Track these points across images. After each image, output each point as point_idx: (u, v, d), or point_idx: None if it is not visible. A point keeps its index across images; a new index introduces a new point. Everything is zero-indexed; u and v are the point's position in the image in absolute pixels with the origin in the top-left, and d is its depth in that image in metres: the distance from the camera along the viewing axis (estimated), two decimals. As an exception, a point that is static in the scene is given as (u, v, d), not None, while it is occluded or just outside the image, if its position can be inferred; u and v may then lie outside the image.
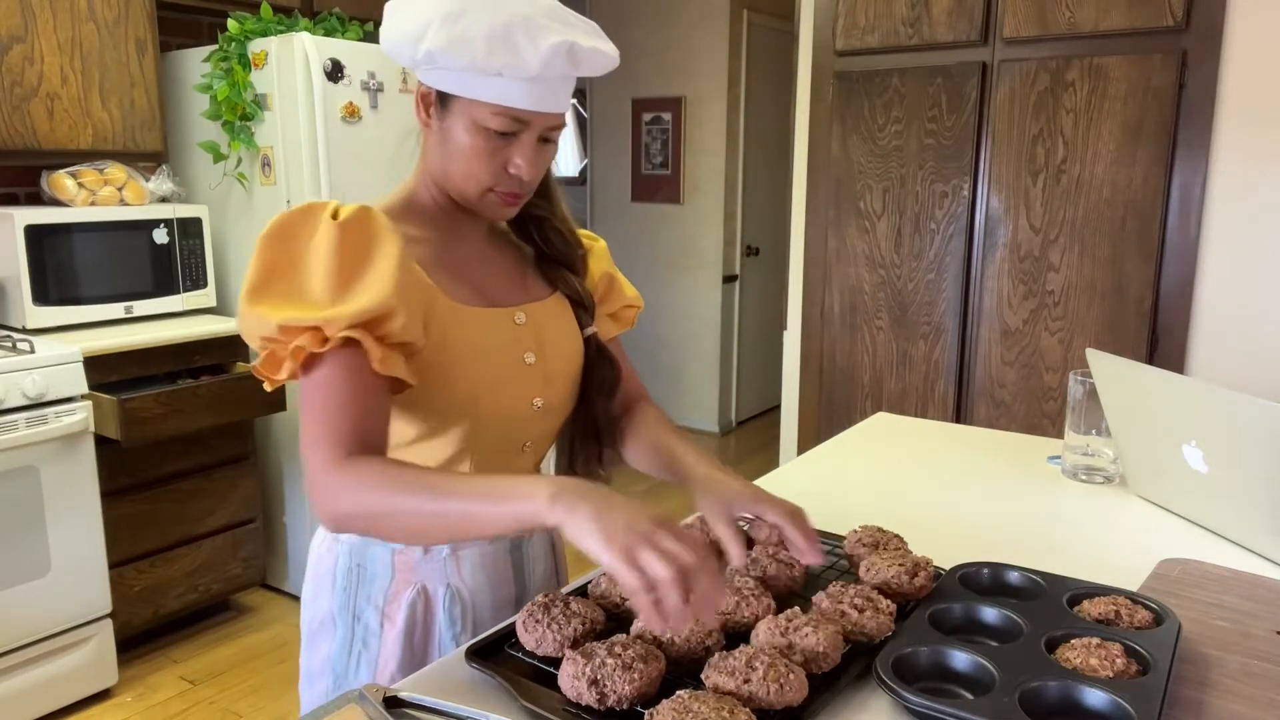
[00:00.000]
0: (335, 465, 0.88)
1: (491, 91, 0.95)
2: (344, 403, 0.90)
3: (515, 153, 0.99)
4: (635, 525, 0.77)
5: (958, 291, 2.73)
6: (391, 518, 0.87)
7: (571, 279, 1.15)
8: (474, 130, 0.98)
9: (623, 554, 0.75)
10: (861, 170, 2.86)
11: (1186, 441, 1.21)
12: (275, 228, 0.95)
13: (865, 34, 2.79)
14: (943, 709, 0.76)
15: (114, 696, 2.58)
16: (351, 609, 1.08)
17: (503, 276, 1.10)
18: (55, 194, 2.69)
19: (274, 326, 0.90)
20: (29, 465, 2.33)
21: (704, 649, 0.85)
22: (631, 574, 0.75)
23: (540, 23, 0.94)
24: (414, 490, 0.86)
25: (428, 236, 1.04)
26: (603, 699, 0.78)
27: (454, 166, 1.01)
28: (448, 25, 0.92)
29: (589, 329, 1.16)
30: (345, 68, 2.89)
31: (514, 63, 0.92)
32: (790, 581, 1.00)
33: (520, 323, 1.07)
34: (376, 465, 0.88)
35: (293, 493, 3.12)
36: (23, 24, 2.53)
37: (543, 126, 0.99)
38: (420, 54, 0.94)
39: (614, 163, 5.34)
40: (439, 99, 0.99)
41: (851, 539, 1.10)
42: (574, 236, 1.17)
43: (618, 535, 0.76)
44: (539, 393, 1.07)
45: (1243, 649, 0.92)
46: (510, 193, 1.02)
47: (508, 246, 1.14)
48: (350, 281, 0.92)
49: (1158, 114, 2.38)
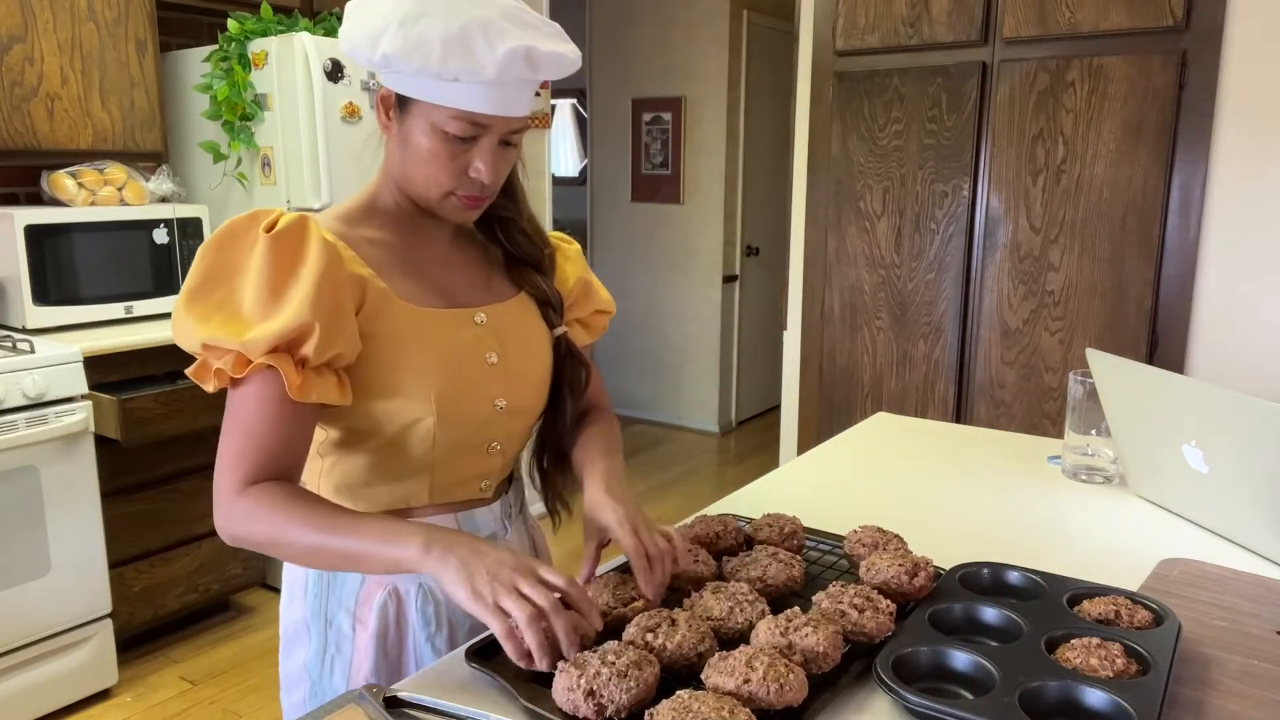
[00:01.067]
0: (236, 492, 0.93)
1: (449, 96, 0.94)
2: (257, 429, 0.93)
3: (475, 156, 0.98)
4: (498, 574, 0.84)
5: (958, 291, 2.73)
6: (280, 547, 0.92)
7: (537, 279, 1.14)
8: (433, 134, 0.97)
9: (485, 602, 0.82)
10: (861, 170, 2.87)
11: (1186, 441, 1.21)
12: (217, 236, 0.95)
13: (865, 34, 2.79)
14: (943, 709, 0.76)
15: (114, 696, 2.58)
16: (324, 614, 1.07)
17: (465, 278, 1.09)
18: (55, 194, 2.69)
19: (199, 344, 0.91)
20: (29, 465, 2.33)
21: (696, 655, 0.85)
22: (493, 618, 0.82)
23: (499, 26, 0.93)
24: (303, 525, 0.90)
25: (389, 239, 1.04)
26: (601, 710, 0.77)
27: (414, 170, 1.00)
28: (404, 29, 0.91)
29: (558, 329, 1.15)
30: (345, 68, 2.89)
31: (470, 67, 0.91)
32: (790, 581, 1.00)
33: (480, 323, 1.06)
34: (273, 496, 0.92)
35: (293, 493, 3.12)
36: (23, 24, 2.53)
37: (503, 130, 0.98)
38: (377, 57, 0.93)
39: (614, 163, 5.34)
40: (398, 101, 0.98)
41: (851, 539, 1.10)
42: (540, 236, 1.16)
43: (481, 584, 0.83)
44: (501, 393, 1.06)
45: (1243, 649, 0.92)
46: (471, 196, 1.01)
47: (473, 248, 1.13)
48: (275, 299, 0.91)
49: (1158, 114, 2.38)
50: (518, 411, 1.09)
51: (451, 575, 0.84)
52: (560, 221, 5.19)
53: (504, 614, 0.82)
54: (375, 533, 0.89)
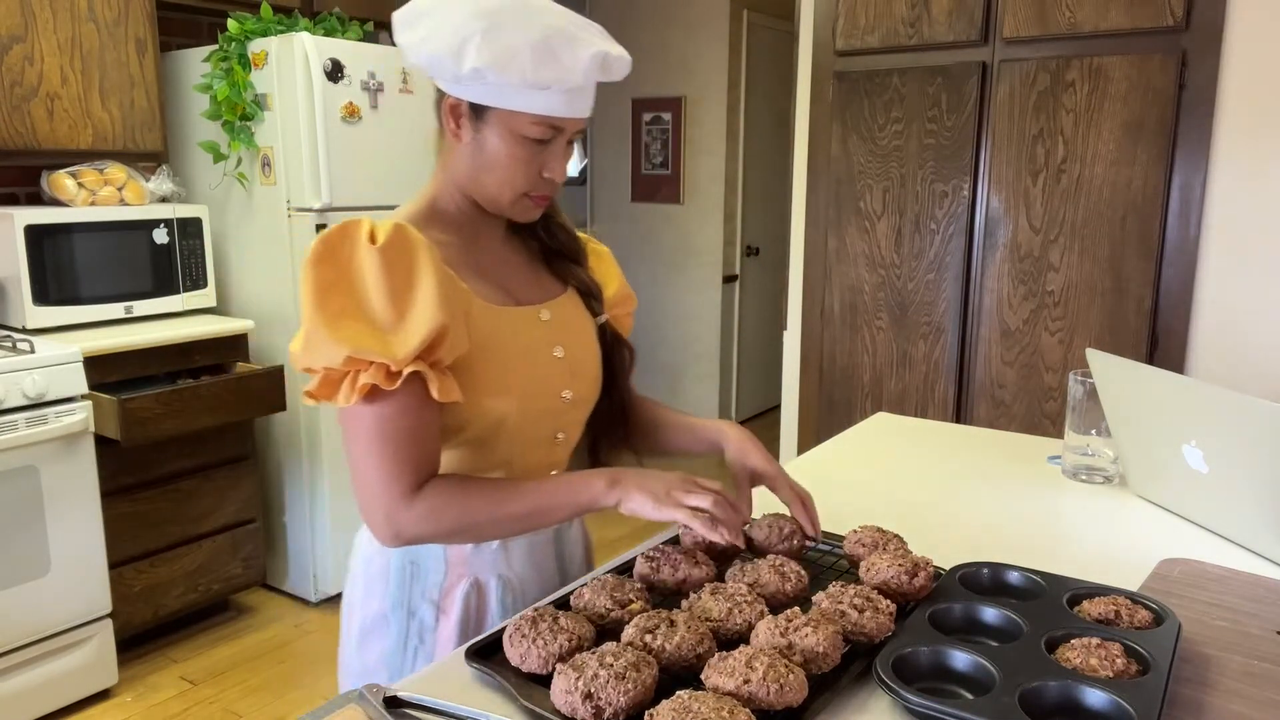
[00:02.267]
0: (408, 497, 0.97)
1: (534, 103, 0.98)
2: (409, 436, 0.97)
3: (549, 158, 1.04)
4: (671, 485, 0.99)
5: (958, 291, 2.73)
6: (466, 531, 1.01)
7: (579, 271, 1.20)
8: (512, 139, 1.01)
9: (670, 503, 0.98)
10: (861, 170, 2.86)
11: (1186, 441, 1.21)
12: (315, 255, 0.96)
13: (865, 34, 2.79)
14: (943, 709, 0.76)
15: (114, 696, 2.58)
16: (406, 605, 1.12)
17: (521, 277, 1.14)
18: (55, 194, 2.69)
19: (343, 358, 0.92)
20: (29, 465, 2.33)
21: (695, 656, 0.85)
22: (681, 511, 0.97)
23: (573, 33, 0.98)
24: (484, 503, 0.99)
25: (453, 241, 1.07)
26: (599, 712, 0.77)
27: (489, 175, 1.04)
28: (489, 40, 0.95)
29: (601, 316, 1.21)
30: (345, 68, 2.89)
31: (560, 75, 0.97)
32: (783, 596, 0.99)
33: (545, 319, 1.11)
34: (445, 489, 0.99)
35: (293, 493, 3.12)
36: (23, 24, 2.53)
37: (573, 131, 1.04)
38: (465, 70, 0.96)
39: (614, 163, 5.34)
40: (471, 110, 1.01)
41: (851, 539, 1.10)
42: (573, 232, 1.23)
43: (661, 494, 0.98)
44: (567, 385, 1.12)
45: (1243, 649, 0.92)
46: (543, 195, 1.07)
47: (521, 247, 1.18)
48: (405, 309, 0.95)
49: (1158, 114, 2.38)
50: (580, 402, 1.16)
51: (636, 494, 0.98)
52: (560, 221, 5.18)
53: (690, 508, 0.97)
54: (559, 484, 1.02)
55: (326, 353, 0.93)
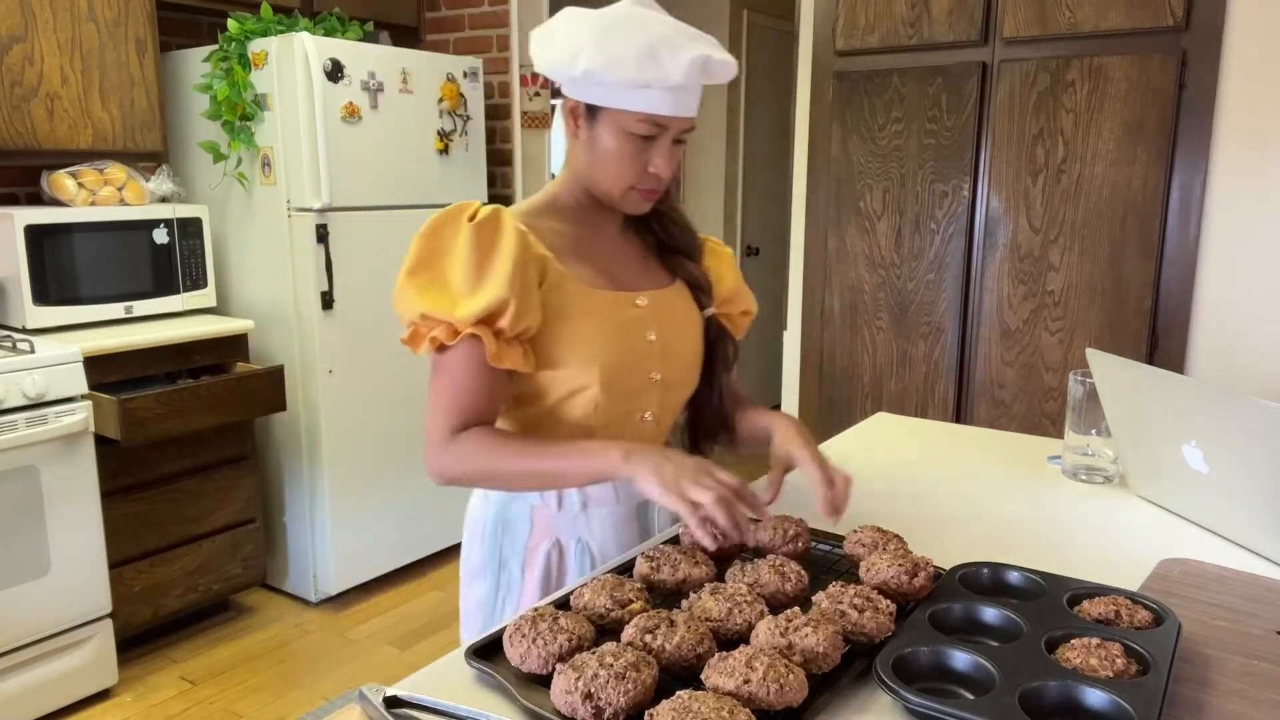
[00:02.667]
0: (447, 438, 1.10)
1: (639, 101, 1.09)
2: (462, 388, 1.11)
3: (655, 154, 1.14)
4: (683, 471, 1.00)
5: (958, 291, 2.73)
6: (494, 477, 1.12)
7: (689, 265, 1.29)
8: (620, 136, 1.12)
9: (674, 490, 0.98)
10: (861, 170, 2.86)
11: (1186, 441, 1.21)
12: (429, 225, 1.13)
13: (865, 34, 2.79)
14: (943, 709, 0.76)
15: (114, 696, 2.58)
16: (498, 558, 1.24)
17: (629, 266, 1.25)
18: (55, 194, 2.69)
19: (418, 314, 1.09)
20: (29, 465, 2.33)
21: (695, 656, 0.85)
22: (681, 503, 0.97)
23: (678, 40, 1.10)
24: (512, 454, 1.08)
25: (567, 230, 1.20)
26: (599, 713, 0.77)
27: (601, 169, 1.16)
28: (600, 46, 1.07)
29: (709, 310, 1.29)
30: (345, 68, 2.89)
31: (660, 75, 1.07)
32: (783, 596, 0.99)
33: (641, 305, 1.20)
34: (481, 436, 1.10)
35: (293, 493, 3.12)
36: (23, 24, 2.53)
37: (678, 130, 1.14)
38: (578, 72, 1.08)
39: (614, 163, 5.34)
40: (587, 111, 1.14)
41: (851, 539, 1.10)
42: (690, 228, 1.32)
43: (669, 479, 0.99)
44: (657, 367, 1.21)
45: (1243, 649, 0.92)
46: (649, 189, 1.17)
47: (635, 240, 1.29)
48: (479, 279, 1.09)
49: (1158, 114, 2.38)
50: (671, 384, 1.24)
51: (645, 474, 1.00)
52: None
53: (690, 502, 0.97)
54: (577, 450, 1.07)
55: (410, 310, 1.10)
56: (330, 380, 3.00)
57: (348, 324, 3.02)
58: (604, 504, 1.22)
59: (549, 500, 1.21)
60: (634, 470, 1.02)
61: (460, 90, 3.27)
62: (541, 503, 1.22)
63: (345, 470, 3.08)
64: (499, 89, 3.58)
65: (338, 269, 2.95)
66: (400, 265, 1.14)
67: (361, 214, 3.02)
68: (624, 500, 1.23)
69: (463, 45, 3.63)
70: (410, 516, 3.33)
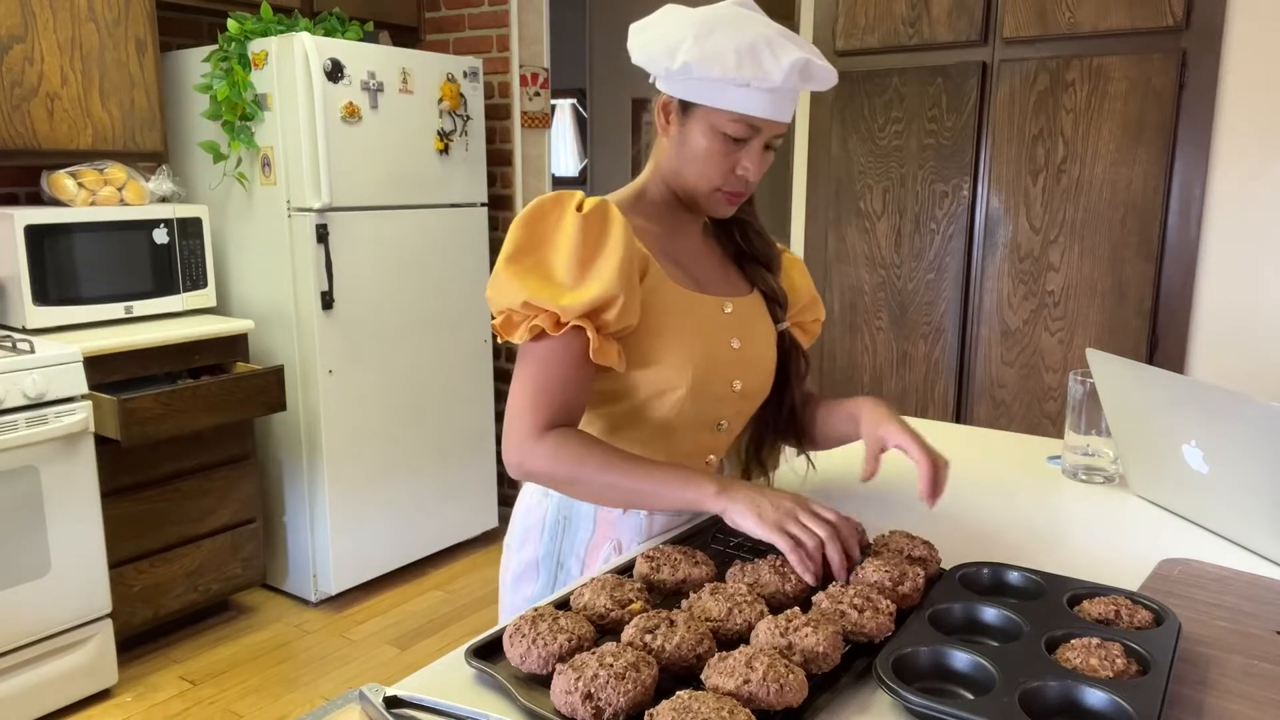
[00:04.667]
0: (537, 432, 1.07)
1: (734, 101, 1.08)
2: (558, 381, 1.08)
3: (744, 157, 1.13)
4: (780, 505, 0.99)
5: (958, 291, 2.73)
6: (578, 484, 1.08)
7: (768, 277, 1.29)
8: (712, 135, 1.11)
9: (773, 527, 0.97)
10: (861, 170, 2.87)
11: (1186, 441, 1.21)
12: (529, 212, 1.10)
13: (865, 34, 2.79)
14: (943, 709, 0.76)
15: (114, 696, 2.58)
16: (556, 556, 1.23)
17: (711, 271, 1.24)
18: (55, 194, 2.69)
19: (520, 301, 1.06)
20: (29, 465, 2.33)
21: (695, 656, 0.85)
22: (782, 539, 0.96)
23: (779, 42, 1.08)
24: (601, 466, 1.05)
25: (653, 228, 1.19)
26: (599, 713, 0.77)
27: (688, 167, 1.15)
28: (700, 42, 1.06)
29: (782, 324, 1.29)
30: (345, 68, 2.89)
31: (760, 75, 1.05)
32: (783, 596, 0.98)
33: (728, 311, 1.20)
34: (572, 439, 1.07)
35: (293, 493, 3.12)
36: (23, 24, 2.53)
37: (770, 134, 1.13)
38: (676, 65, 1.07)
39: (614, 163, 5.34)
40: (680, 107, 1.13)
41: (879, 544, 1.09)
42: (770, 240, 1.32)
43: (768, 513, 0.98)
44: (739, 375, 1.20)
45: (1243, 649, 0.92)
46: (735, 192, 1.17)
47: (715, 246, 1.29)
48: (586, 270, 1.06)
49: (1158, 114, 2.38)
50: (749, 394, 1.23)
51: (741, 508, 0.99)
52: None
53: (790, 537, 0.96)
54: (670, 476, 1.04)
55: (509, 296, 1.06)
56: (330, 380, 3.00)
57: (348, 324, 3.02)
58: (668, 510, 1.21)
59: None
60: (729, 505, 1.00)
61: (460, 90, 3.27)
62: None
63: (345, 470, 3.08)
64: (499, 89, 3.58)
65: (338, 269, 2.95)
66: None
67: (361, 214, 3.02)
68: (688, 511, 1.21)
69: (463, 45, 3.64)
70: (410, 516, 3.33)
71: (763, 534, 0.97)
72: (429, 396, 3.33)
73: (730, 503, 1.00)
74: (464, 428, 3.49)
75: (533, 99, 3.60)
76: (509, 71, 3.54)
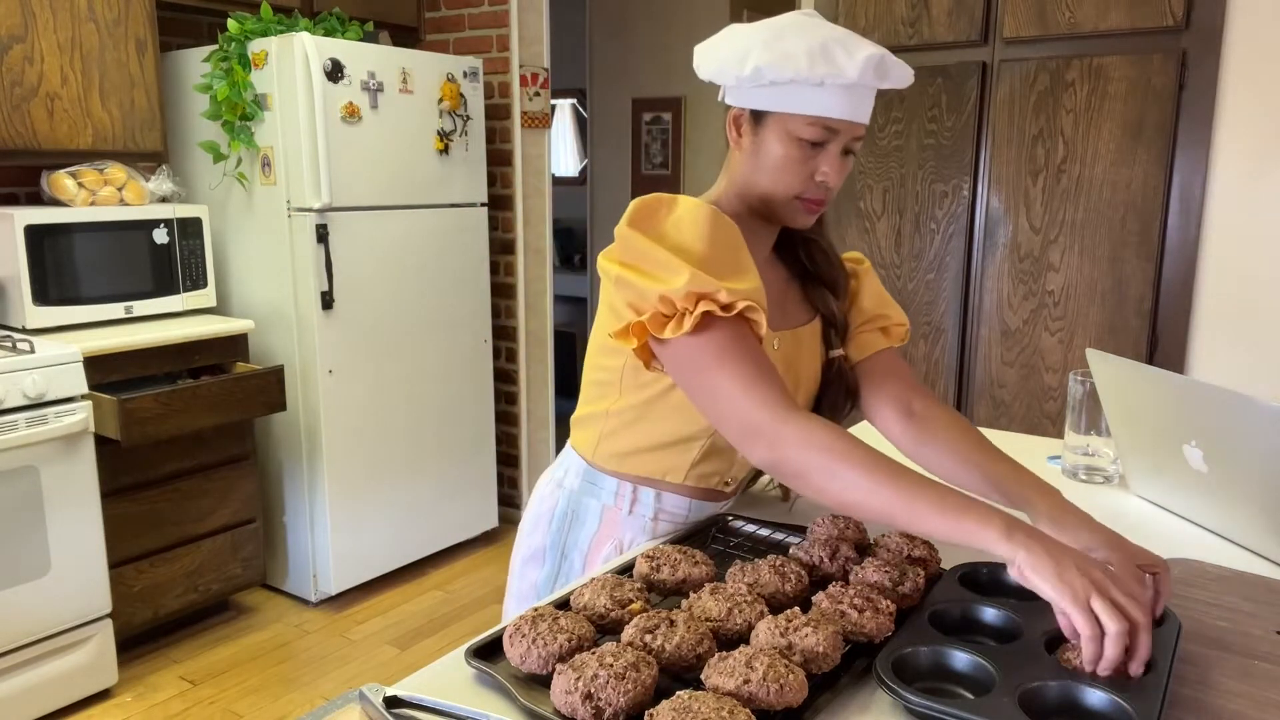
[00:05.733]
0: (790, 413, 0.97)
1: (809, 103, 1.06)
2: (761, 362, 1.01)
3: (823, 161, 1.09)
4: (1089, 571, 0.82)
5: (958, 291, 2.73)
6: (827, 479, 0.93)
7: (830, 300, 1.24)
8: (788, 141, 1.08)
9: (1074, 595, 0.81)
10: (861, 170, 2.87)
11: (1186, 441, 1.21)
12: (640, 212, 1.07)
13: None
14: (943, 709, 0.76)
15: (114, 696, 2.58)
16: (561, 547, 1.25)
17: (773, 296, 1.18)
18: (55, 194, 2.69)
19: (680, 289, 0.98)
20: (29, 465, 2.33)
21: (695, 656, 0.85)
22: (1084, 619, 0.80)
23: (851, 39, 1.06)
24: (863, 467, 0.92)
25: None
26: (599, 713, 0.77)
27: (765, 176, 1.11)
28: (769, 47, 1.05)
29: (836, 351, 1.23)
30: (345, 68, 2.89)
31: (834, 71, 1.03)
32: (783, 596, 0.98)
33: (775, 348, 1.17)
34: (828, 428, 0.96)
35: (292, 493, 3.12)
36: (23, 24, 2.53)
37: (848, 137, 1.09)
38: (747, 70, 1.05)
39: (614, 163, 5.34)
40: (752, 117, 1.10)
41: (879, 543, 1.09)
42: (838, 260, 1.26)
43: (1072, 577, 0.81)
44: None
45: (1243, 649, 0.92)
46: (815, 199, 1.12)
47: (779, 271, 1.24)
48: (737, 262, 1.04)
49: (1158, 114, 2.38)
50: None
51: (1038, 561, 0.83)
52: (561, 221, 5.18)
53: (1093, 616, 0.80)
54: (952, 503, 0.89)
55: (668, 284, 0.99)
56: (330, 380, 3.00)
57: (348, 324, 3.02)
58: (675, 520, 1.22)
59: (621, 502, 1.21)
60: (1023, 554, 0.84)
61: (460, 90, 3.27)
62: (614, 504, 1.22)
63: (345, 470, 3.08)
64: (499, 89, 3.58)
65: (338, 269, 2.95)
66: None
67: (361, 214, 3.02)
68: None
69: (463, 45, 3.64)
70: (410, 516, 3.33)
71: (1060, 599, 0.81)
72: (429, 396, 3.33)
73: (1025, 552, 0.84)
74: (464, 428, 3.49)
75: (533, 99, 3.60)
76: (509, 71, 3.54)
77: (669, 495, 1.20)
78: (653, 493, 1.20)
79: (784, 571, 1.00)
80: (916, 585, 0.98)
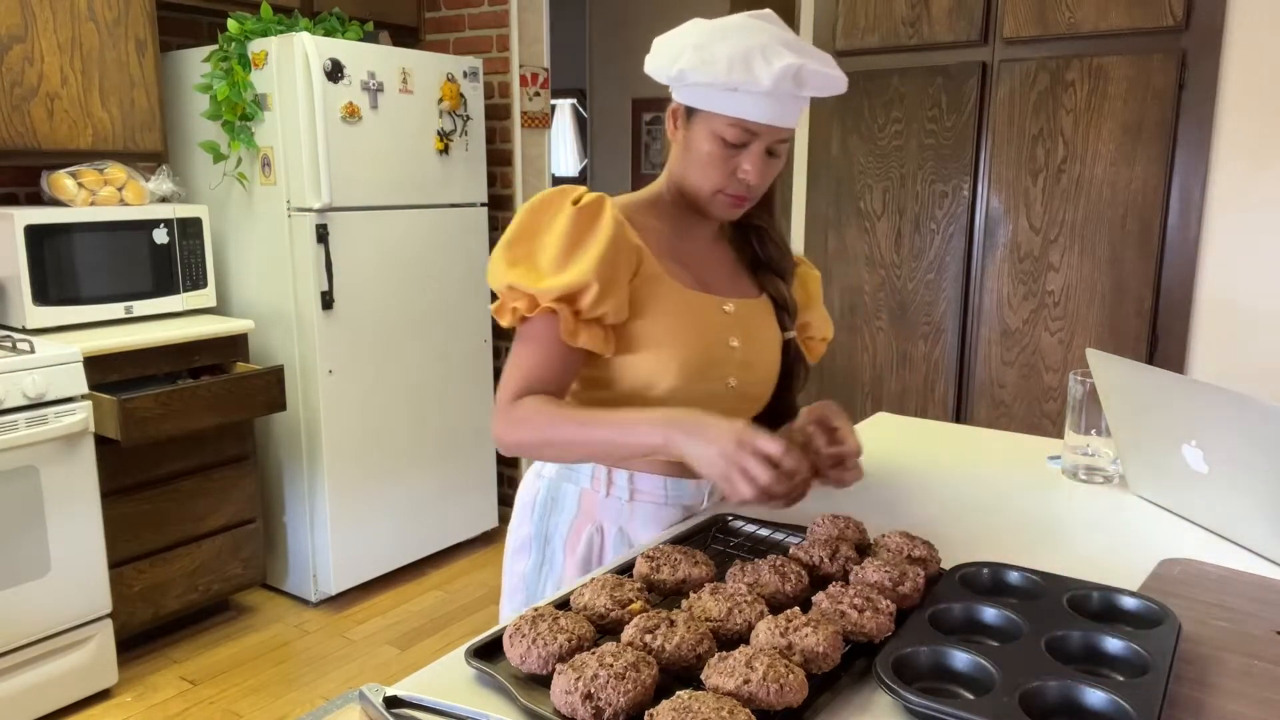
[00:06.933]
0: (509, 404, 1.13)
1: (729, 105, 1.12)
2: (534, 358, 1.15)
3: (744, 160, 1.16)
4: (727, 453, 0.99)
5: (958, 291, 2.73)
6: (550, 445, 1.13)
7: (779, 284, 1.31)
8: (712, 139, 1.15)
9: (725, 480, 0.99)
10: (861, 170, 2.87)
11: (1186, 441, 1.21)
12: (533, 202, 1.17)
13: (865, 34, 2.79)
14: (943, 709, 0.76)
15: (114, 696, 2.58)
16: (543, 535, 1.28)
17: (719, 272, 1.27)
18: (55, 194, 2.69)
19: (505, 285, 1.14)
20: (29, 465, 2.33)
21: (695, 656, 0.85)
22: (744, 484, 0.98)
23: (775, 50, 1.10)
24: (566, 423, 1.10)
25: (663, 229, 1.24)
26: (599, 713, 0.77)
27: (692, 170, 1.19)
28: (698, 51, 1.11)
29: (789, 332, 1.31)
30: (345, 68, 2.89)
31: (749, 80, 1.09)
32: (783, 596, 0.98)
33: (728, 311, 1.23)
34: (537, 403, 1.12)
35: (292, 492, 3.12)
36: (23, 24, 2.53)
37: (771, 139, 1.16)
38: (674, 71, 1.13)
39: (614, 163, 5.34)
40: (685, 113, 1.18)
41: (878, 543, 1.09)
42: (787, 248, 1.34)
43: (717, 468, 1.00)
44: (734, 374, 1.22)
45: (1243, 649, 0.92)
46: (737, 195, 1.19)
47: (728, 249, 1.32)
48: (568, 259, 1.12)
49: (1158, 114, 2.38)
50: (744, 394, 1.25)
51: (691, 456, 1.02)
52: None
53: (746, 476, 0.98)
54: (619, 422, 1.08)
55: (499, 280, 1.15)
56: (330, 380, 3.00)
57: (348, 324, 3.02)
58: (652, 499, 1.24)
59: (598, 485, 1.24)
60: (675, 448, 1.03)
61: (460, 90, 3.27)
62: (590, 486, 1.25)
63: (345, 470, 3.08)
64: (499, 89, 3.58)
65: (338, 269, 2.95)
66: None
67: (361, 214, 3.02)
68: (671, 502, 1.25)
69: (463, 45, 3.64)
70: (410, 516, 3.33)
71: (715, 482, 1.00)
72: (429, 396, 3.33)
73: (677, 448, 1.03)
74: (464, 428, 3.49)
75: (533, 99, 3.60)
76: (509, 71, 3.54)
77: (641, 475, 1.24)
78: (626, 474, 1.23)
79: (784, 571, 1.00)
80: (916, 585, 0.98)
